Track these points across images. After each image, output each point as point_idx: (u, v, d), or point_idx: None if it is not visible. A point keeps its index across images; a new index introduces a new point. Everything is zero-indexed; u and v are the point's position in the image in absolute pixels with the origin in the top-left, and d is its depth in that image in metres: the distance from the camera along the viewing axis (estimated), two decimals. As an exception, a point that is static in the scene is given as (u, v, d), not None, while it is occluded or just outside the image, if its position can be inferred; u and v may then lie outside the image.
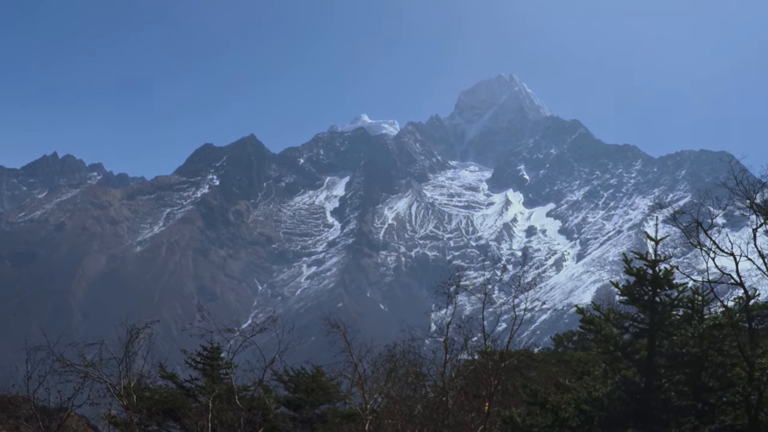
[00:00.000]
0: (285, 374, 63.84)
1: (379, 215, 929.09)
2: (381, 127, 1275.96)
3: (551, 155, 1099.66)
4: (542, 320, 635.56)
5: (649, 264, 38.17)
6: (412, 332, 44.68)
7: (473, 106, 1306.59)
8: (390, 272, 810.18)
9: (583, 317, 38.73)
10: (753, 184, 43.77)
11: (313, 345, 52.77)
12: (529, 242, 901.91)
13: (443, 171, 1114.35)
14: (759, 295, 45.77)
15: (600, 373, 39.06)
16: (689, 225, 43.69)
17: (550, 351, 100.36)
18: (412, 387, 48.44)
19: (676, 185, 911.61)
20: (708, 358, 38.90)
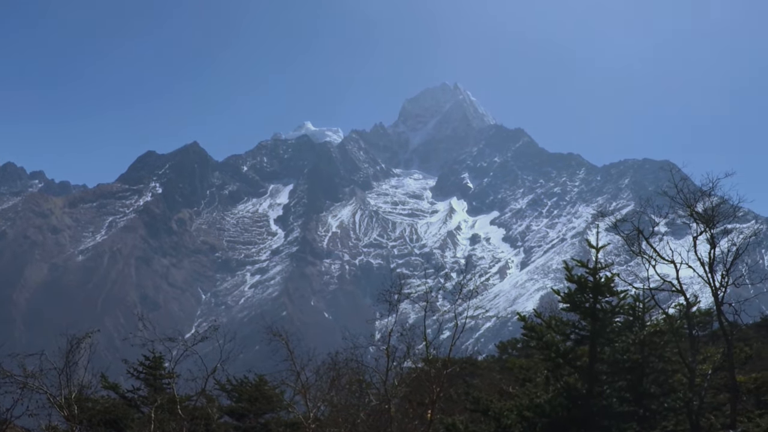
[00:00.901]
0: (228, 383, 63.51)
1: (323, 223, 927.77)
2: (325, 135, 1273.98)
3: (495, 163, 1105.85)
4: (486, 328, 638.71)
5: (590, 272, 38.41)
6: (355, 340, 44.58)
7: (417, 114, 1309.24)
8: (334, 280, 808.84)
9: (525, 324, 38.87)
10: (694, 192, 44.32)
11: (257, 354, 52.54)
12: (473, 250, 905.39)
13: (387, 179, 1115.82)
14: (700, 302, 46.37)
15: (542, 380, 39.26)
16: (630, 233, 44.13)
17: (494, 358, 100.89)
18: (356, 395, 48.33)
19: (620, 194, 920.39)
20: (649, 364, 39.27)
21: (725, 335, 42.62)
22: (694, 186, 46.23)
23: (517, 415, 37.48)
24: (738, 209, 47.24)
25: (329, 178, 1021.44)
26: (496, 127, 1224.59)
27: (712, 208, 44.85)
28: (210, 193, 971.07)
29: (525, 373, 41.51)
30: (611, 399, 38.17)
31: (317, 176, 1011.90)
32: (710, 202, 45.32)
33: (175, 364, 48.11)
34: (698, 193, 44.53)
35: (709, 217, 43.80)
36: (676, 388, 40.71)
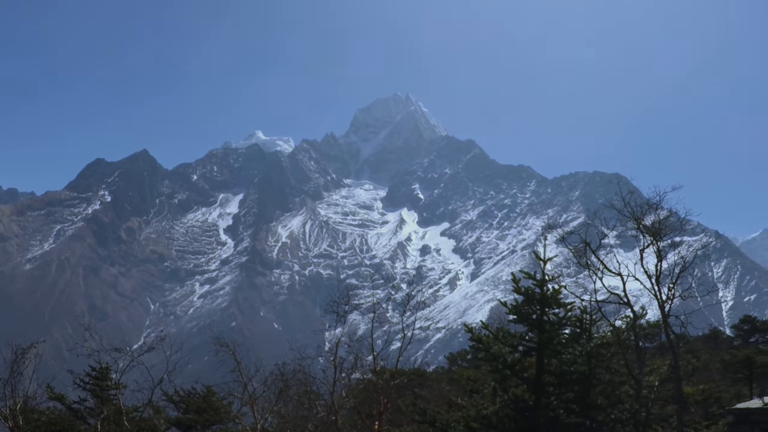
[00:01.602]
0: (176, 394, 62.86)
1: (272, 233, 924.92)
2: (276, 144, 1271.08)
3: (446, 175, 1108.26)
4: (436, 339, 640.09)
5: (537, 283, 38.47)
6: (302, 351, 44.41)
7: (369, 124, 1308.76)
8: (284, 291, 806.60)
9: (472, 336, 38.82)
10: (641, 205, 44.59)
11: (206, 365, 52.12)
12: (423, 261, 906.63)
13: (338, 189, 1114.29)
14: (646, 314, 46.60)
15: (489, 391, 39.20)
16: (577, 245, 44.32)
17: (444, 370, 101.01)
18: (305, 406, 48.14)
19: (570, 206, 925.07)
20: (596, 376, 39.33)
21: (672, 347, 42.90)
22: (643, 199, 46.55)
23: (464, 426, 37.37)
24: (685, 222, 47.60)
25: (279, 188, 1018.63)
26: (447, 138, 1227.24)
27: (659, 221, 45.17)
28: (159, 202, 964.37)
29: (473, 385, 41.44)
30: (558, 410, 38.18)
31: (267, 186, 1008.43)
32: (658, 215, 45.63)
33: (121, 375, 47.70)
34: (645, 206, 44.81)
35: (656, 230, 44.10)
36: (623, 400, 40.87)
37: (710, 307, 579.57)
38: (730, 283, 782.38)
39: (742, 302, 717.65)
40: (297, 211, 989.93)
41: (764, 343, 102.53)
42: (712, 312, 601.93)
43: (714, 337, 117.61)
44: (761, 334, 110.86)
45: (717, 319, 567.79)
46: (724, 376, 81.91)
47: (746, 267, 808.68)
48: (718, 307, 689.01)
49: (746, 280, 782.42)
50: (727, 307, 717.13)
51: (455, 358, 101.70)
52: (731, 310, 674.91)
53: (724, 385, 71.88)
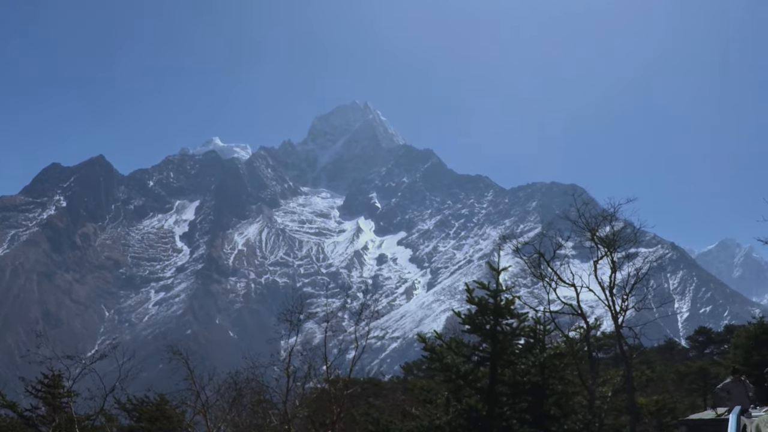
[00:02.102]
0: (129, 402, 62.31)
1: (229, 241, 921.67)
2: (233, 151, 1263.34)
3: (403, 184, 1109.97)
4: (392, 348, 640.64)
5: (491, 294, 38.50)
6: (256, 360, 44.20)
7: (327, 132, 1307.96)
8: (239, 299, 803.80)
9: (425, 345, 38.78)
10: (595, 216, 44.83)
11: (161, 373, 51.77)
12: (379, 270, 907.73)
13: (295, 197, 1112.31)
14: (600, 325, 46.82)
15: (442, 401, 39.12)
16: (531, 256, 44.50)
17: (399, 379, 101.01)
18: (259, 415, 47.91)
19: (527, 216, 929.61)
20: (550, 386, 39.36)
21: (625, 358, 43.12)
22: (598, 210, 46.78)
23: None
24: (640, 234, 47.88)
25: (236, 195, 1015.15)
26: (405, 147, 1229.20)
27: (613, 233, 45.44)
28: (115, 208, 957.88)
29: (426, 395, 41.36)
30: (512, 420, 38.17)
31: (224, 193, 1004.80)
32: (612, 226, 45.91)
33: (73, 383, 47.20)
34: (600, 217, 45.05)
35: (611, 241, 44.34)
36: (576, 410, 40.89)
37: (666, 319, 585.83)
38: (685, 294, 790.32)
39: (697, 314, 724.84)
40: (253, 219, 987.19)
41: (719, 354, 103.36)
42: (668, 323, 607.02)
43: (669, 349, 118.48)
44: (716, 345, 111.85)
45: (672, 330, 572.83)
46: (679, 387, 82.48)
47: (702, 279, 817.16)
48: (674, 319, 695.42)
49: (702, 292, 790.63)
50: (683, 318, 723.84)
51: (411, 367, 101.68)
52: (687, 321, 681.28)
53: (679, 396, 72.42)
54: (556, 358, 39.70)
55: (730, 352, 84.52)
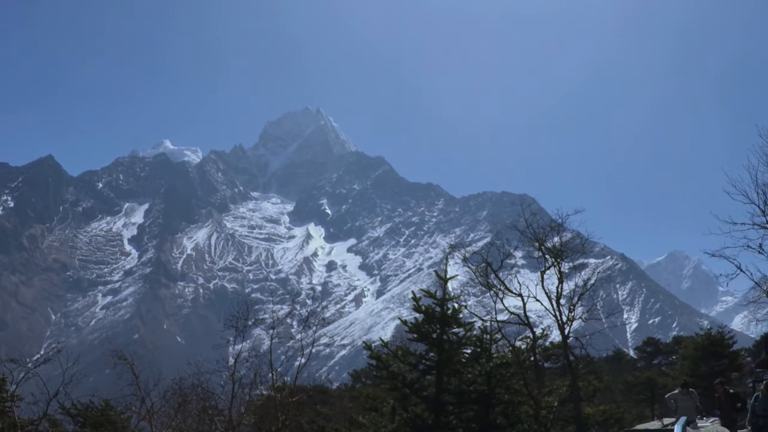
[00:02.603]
0: (73, 408, 61.53)
1: (177, 245, 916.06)
2: (183, 154, 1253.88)
3: (354, 191, 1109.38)
4: (341, 356, 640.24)
5: (437, 302, 38.50)
6: (201, 366, 43.86)
7: (278, 137, 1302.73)
8: (188, 304, 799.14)
9: (371, 353, 38.66)
10: (543, 227, 44.98)
11: (107, 377, 51.34)
12: (329, 277, 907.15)
13: (245, 202, 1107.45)
14: (547, 335, 46.93)
15: (388, 410, 38.99)
16: (479, 265, 44.54)
17: (347, 387, 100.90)
18: (207, 422, 47.54)
19: (477, 225, 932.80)
20: (496, 395, 39.38)
21: (571, 368, 43.27)
22: (548, 220, 46.96)
23: (363, 444, 37.18)
24: (587, 245, 48.10)
25: (186, 199, 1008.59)
26: (356, 154, 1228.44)
27: (561, 243, 45.62)
28: (63, 209, 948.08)
29: (372, 403, 41.14)
30: (458, 429, 38.14)
31: (174, 196, 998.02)
32: (560, 237, 46.09)
33: (17, 387, 46.58)
34: (548, 227, 45.21)
35: (558, 251, 44.51)
36: (522, 420, 40.89)
37: (614, 329, 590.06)
38: (634, 305, 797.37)
39: (646, 324, 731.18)
40: (203, 223, 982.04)
41: (667, 365, 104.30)
42: (617, 334, 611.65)
43: (617, 359, 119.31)
44: (664, 356, 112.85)
45: (621, 340, 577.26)
46: (627, 397, 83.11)
47: (651, 290, 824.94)
48: (623, 329, 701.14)
49: (651, 303, 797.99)
50: (632, 329, 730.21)
51: (359, 375, 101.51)
52: (635, 332, 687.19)
53: (627, 406, 72.93)
54: (503, 368, 39.72)
55: (677, 363, 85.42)
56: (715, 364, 72.59)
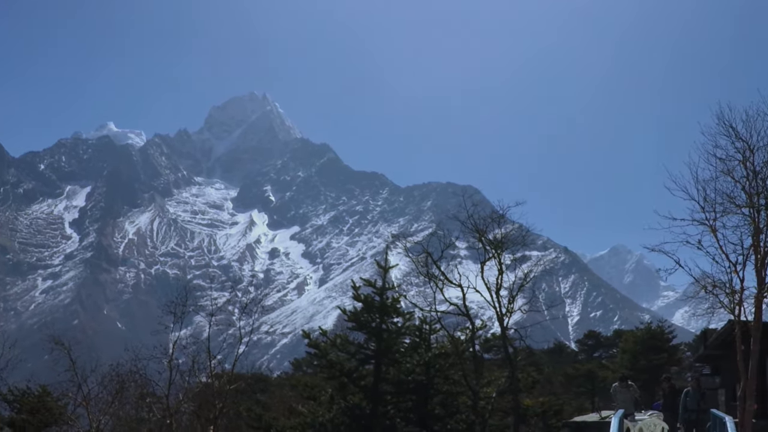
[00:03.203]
0: (9, 393, 60.78)
1: (119, 229, 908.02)
2: (127, 137, 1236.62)
3: (299, 178, 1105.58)
4: (283, 344, 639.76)
5: (377, 291, 38.56)
6: (138, 352, 43.52)
7: (223, 122, 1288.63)
8: (128, 289, 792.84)
9: (309, 342, 38.67)
10: (484, 218, 45.13)
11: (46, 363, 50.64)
12: (271, 264, 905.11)
13: (188, 187, 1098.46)
14: (486, 326, 47.11)
15: (326, 398, 39.01)
16: (419, 255, 44.62)
17: (288, 375, 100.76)
18: (145, 408, 47.22)
19: (422, 215, 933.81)
20: (434, 385, 39.56)
21: (510, 360, 43.49)
22: (491, 212, 47.09)
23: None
24: (528, 237, 48.32)
25: (129, 183, 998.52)
26: (302, 141, 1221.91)
27: (501, 235, 45.82)
28: (4, 191, 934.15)
29: (310, 391, 41.14)
30: (395, 419, 38.26)
31: (116, 179, 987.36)
32: (500, 228, 46.27)
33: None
34: (489, 219, 45.36)
35: (498, 242, 44.68)
36: (460, 410, 41.14)
37: (556, 322, 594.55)
38: (576, 298, 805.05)
39: (588, 317, 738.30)
40: (145, 208, 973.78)
41: (607, 358, 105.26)
42: (558, 326, 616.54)
43: (559, 351, 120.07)
44: (605, 349, 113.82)
45: (563, 333, 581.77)
46: (567, 389, 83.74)
47: (593, 283, 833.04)
48: (565, 322, 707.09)
49: (593, 296, 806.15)
50: (573, 321, 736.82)
51: (300, 363, 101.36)
52: (577, 325, 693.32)
53: (567, 399, 73.42)
54: (441, 358, 39.90)
55: (618, 357, 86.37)
56: (654, 358, 73.50)
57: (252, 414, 39.57)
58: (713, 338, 43.92)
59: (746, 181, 28.24)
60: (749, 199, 27.99)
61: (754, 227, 27.76)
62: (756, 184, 28.03)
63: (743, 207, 28.28)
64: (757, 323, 27.44)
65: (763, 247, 27.72)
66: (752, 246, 28.01)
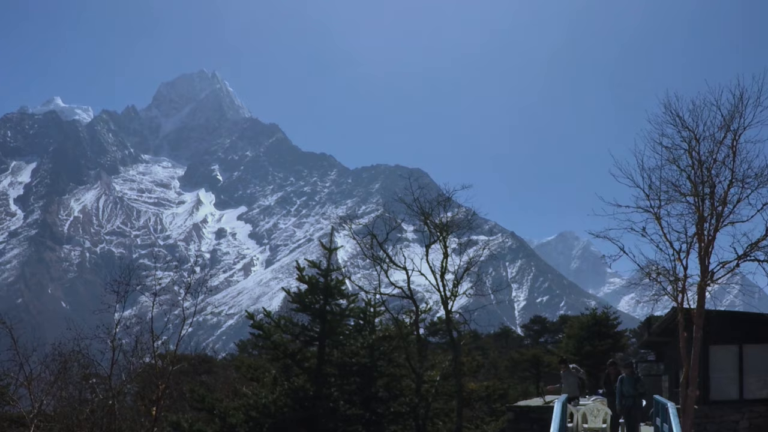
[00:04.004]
0: (-49, 374, 60.02)
1: (65, 206, 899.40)
2: (74, 113, 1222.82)
3: (247, 157, 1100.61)
4: (229, 325, 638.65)
5: (321, 273, 38.60)
6: (80, 331, 43.04)
7: (172, 99, 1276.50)
8: (73, 268, 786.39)
9: (253, 323, 38.58)
10: (429, 201, 45.19)
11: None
12: (218, 245, 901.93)
13: (135, 164, 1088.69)
14: (431, 310, 47.22)
15: (270, 380, 38.97)
16: (364, 237, 44.60)
17: (234, 357, 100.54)
18: (89, 389, 46.79)
19: (370, 198, 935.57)
20: (378, 368, 39.63)
21: (453, 343, 43.60)
22: (437, 194, 47.13)
23: (243, 414, 37.03)
24: (474, 220, 48.41)
25: (75, 159, 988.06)
26: (251, 120, 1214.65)
27: (447, 218, 45.90)
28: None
29: (253, 373, 41.09)
30: (339, 401, 38.29)
31: (63, 156, 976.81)
32: (445, 212, 46.35)
33: None
34: (434, 202, 45.44)
35: (443, 226, 44.76)
36: (404, 393, 41.26)
37: (503, 306, 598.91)
38: (523, 283, 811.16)
39: (534, 303, 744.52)
40: (92, 185, 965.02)
41: (553, 343, 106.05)
42: (505, 311, 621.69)
43: (505, 336, 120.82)
44: (550, 334, 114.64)
45: (509, 318, 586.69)
46: (513, 373, 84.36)
47: (540, 269, 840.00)
48: (511, 307, 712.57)
49: (539, 282, 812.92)
50: (520, 306, 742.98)
51: (246, 345, 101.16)
52: (523, 309, 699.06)
53: (512, 383, 73.98)
54: (385, 341, 39.98)
55: (563, 342, 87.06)
56: (598, 344, 73.98)
57: (195, 395, 39.34)
58: (657, 325, 44.41)
59: (692, 170, 28.52)
60: (694, 188, 28.28)
61: (699, 216, 28.06)
62: (701, 173, 28.32)
63: (688, 195, 28.56)
64: (700, 310, 27.75)
65: (707, 236, 28.02)
66: (696, 234, 28.31)
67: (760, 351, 36.40)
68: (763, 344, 36.28)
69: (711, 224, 28.07)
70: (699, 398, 32.47)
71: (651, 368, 50.06)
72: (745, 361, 36.40)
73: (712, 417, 35.39)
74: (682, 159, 28.94)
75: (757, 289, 48.54)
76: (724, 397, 36.20)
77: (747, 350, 36.47)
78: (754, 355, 36.38)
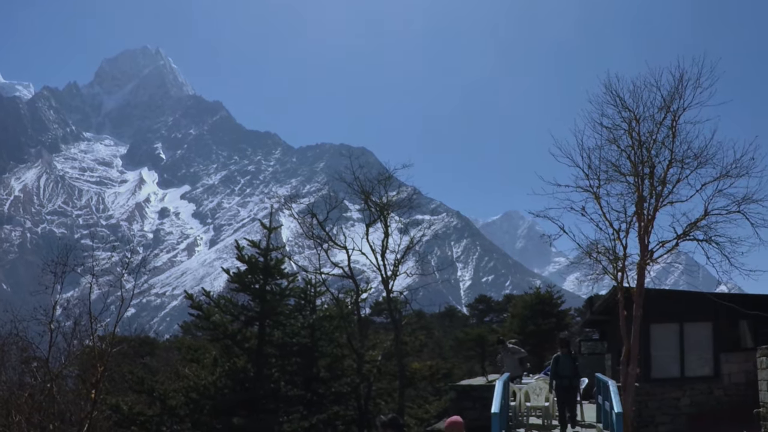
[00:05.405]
0: None
1: (5, 186, 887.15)
2: (15, 89, 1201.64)
3: (190, 135, 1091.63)
4: (173, 306, 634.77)
5: (261, 252, 38.38)
6: (17, 313, 42.39)
7: (114, 76, 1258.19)
8: (14, 249, 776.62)
9: (192, 303, 38.26)
10: (371, 180, 45.10)
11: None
12: (161, 224, 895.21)
13: (77, 142, 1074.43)
14: (372, 289, 47.17)
15: (210, 361, 38.73)
16: (305, 216, 44.49)
17: (177, 338, 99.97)
18: (28, 373, 46.16)
19: (314, 177, 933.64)
20: (319, 348, 39.53)
21: (394, 323, 43.65)
22: (380, 173, 47.03)
23: (183, 396, 36.76)
24: (417, 199, 48.43)
25: (15, 137, 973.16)
26: (194, 98, 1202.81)
27: (391, 198, 45.86)
28: None
29: (194, 354, 40.78)
30: (280, 382, 38.15)
31: (2, 133, 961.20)
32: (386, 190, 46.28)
33: None
34: (375, 181, 45.34)
35: (384, 205, 44.70)
36: (346, 373, 41.23)
37: (448, 286, 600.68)
38: (469, 263, 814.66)
39: (479, 282, 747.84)
40: (32, 164, 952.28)
41: (498, 323, 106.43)
42: (450, 290, 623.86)
43: (450, 315, 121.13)
44: (495, 314, 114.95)
45: (455, 297, 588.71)
46: (458, 353, 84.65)
47: (485, 248, 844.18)
48: (457, 286, 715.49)
49: (485, 261, 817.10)
50: (465, 286, 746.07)
51: (189, 326, 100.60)
52: (469, 289, 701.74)
53: (457, 362, 74.20)
54: (326, 321, 39.87)
55: (507, 321, 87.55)
56: (542, 322, 74.33)
57: (134, 377, 38.97)
58: (598, 304, 44.67)
59: (631, 150, 28.56)
60: (634, 168, 28.33)
61: (638, 195, 28.14)
62: (641, 154, 28.38)
63: (628, 175, 28.64)
64: (640, 289, 27.86)
65: (646, 215, 28.12)
66: (636, 214, 28.40)
67: (700, 329, 36.75)
68: (704, 322, 36.62)
69: (650, 204, 28.17)
70: (640, 376, 32.63)
71: (595, 347, 50.40)
72: (686, 339, 36.73)
73: (653, 394, 35.67)
74: (622, 139, 29.00)
75: (698, 267, 49.13)
76: (665, 374, 36.49)
77: (687, 328, 36.80)
78: (695, 333, 36.73)
